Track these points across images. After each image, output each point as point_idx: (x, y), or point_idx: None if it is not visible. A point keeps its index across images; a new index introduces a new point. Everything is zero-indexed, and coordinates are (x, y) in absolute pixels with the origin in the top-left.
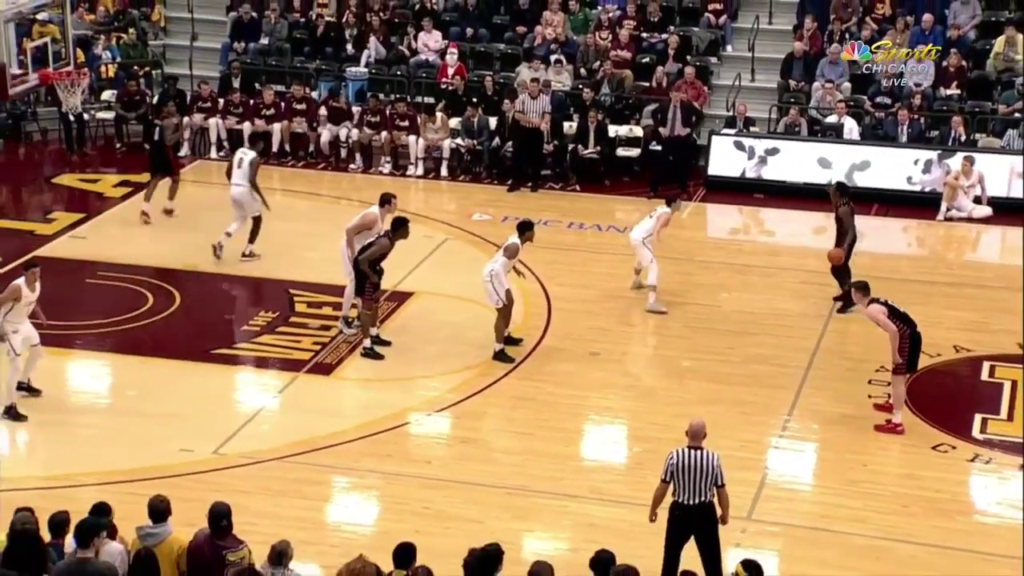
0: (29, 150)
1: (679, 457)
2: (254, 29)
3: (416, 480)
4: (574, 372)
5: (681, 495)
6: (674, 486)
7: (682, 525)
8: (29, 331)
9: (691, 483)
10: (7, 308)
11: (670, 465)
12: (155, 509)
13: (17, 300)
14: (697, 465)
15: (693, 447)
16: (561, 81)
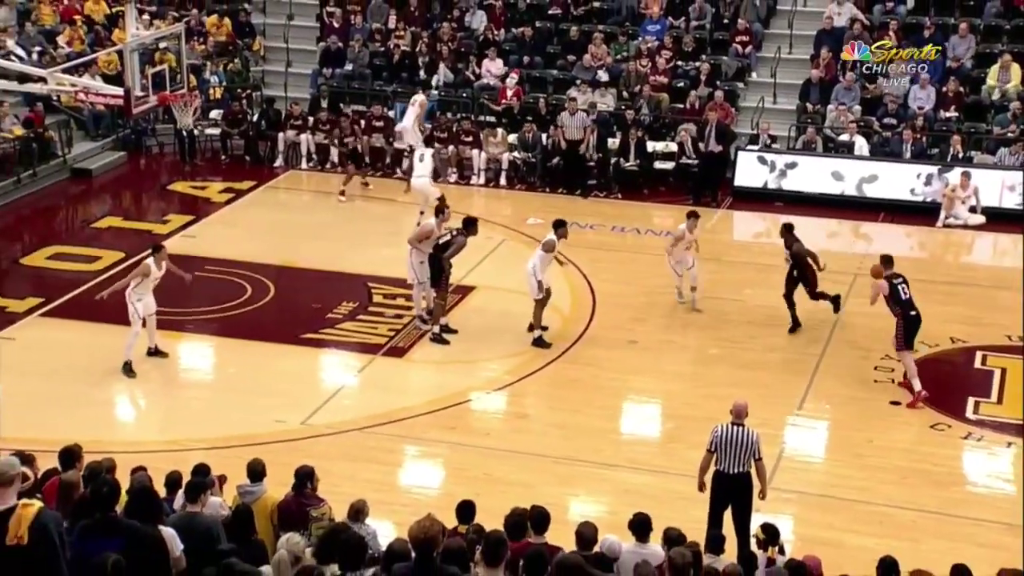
0: (148, 161)
1: (723, 431)
2: (340, 57)
3: (476, 450)
4: (615, 358)
5: (723, 465)
6: (717, 457)
7: (724, 491)
8: (150, 302)
9: (732, 455)
10: (136, 282)
11: (715, 437)
12: (252, 470)
13: (146, 276)
14: (739, 439)
15: (736, 423)
16: (606, 103)
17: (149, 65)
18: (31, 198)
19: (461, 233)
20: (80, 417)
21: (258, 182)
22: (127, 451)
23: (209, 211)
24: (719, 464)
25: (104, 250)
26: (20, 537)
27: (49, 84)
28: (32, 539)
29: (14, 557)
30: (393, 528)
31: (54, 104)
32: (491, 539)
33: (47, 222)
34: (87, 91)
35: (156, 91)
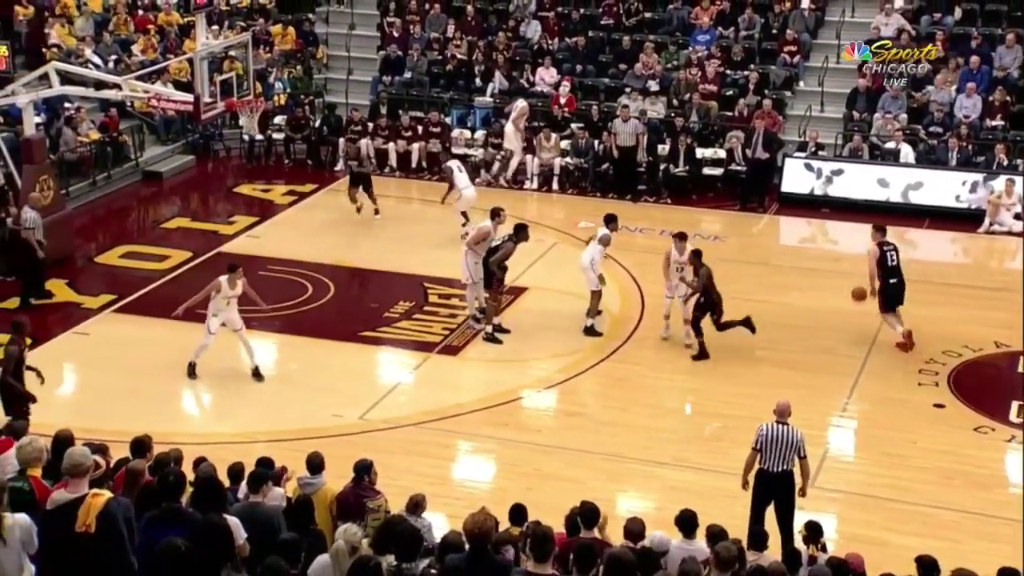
0: (215, 165)
1: (768, 430)
2: (399, 65)
3: (528, 446)
4: (663, 358)
5: (767, 463)
6: (761, 455)
7: (766, 489)
8: (231, 318)
9: (776, 453)
10: (211, 297)
11: (760, 436)
12: (312, 463)
13: (217, 292)
14: (783, 438)
15: (780, 422)
16: (656, 110)
17: (217, 72)
18: (105, 199)
19: (511, 239)
20: (149, 409)
21: (319, 185)
22: (193, 442)
23: (273, 213)
24: (763, 463)
25: (173, 249)
26: (88, 525)
27: (123, 91)
28: (99, 528)
29: (82, 544)
30: (446, 521)
31: (128, 110)
32: (538, 534)
33: (120, 222)
34: (159, 97)
35: (224, 97)
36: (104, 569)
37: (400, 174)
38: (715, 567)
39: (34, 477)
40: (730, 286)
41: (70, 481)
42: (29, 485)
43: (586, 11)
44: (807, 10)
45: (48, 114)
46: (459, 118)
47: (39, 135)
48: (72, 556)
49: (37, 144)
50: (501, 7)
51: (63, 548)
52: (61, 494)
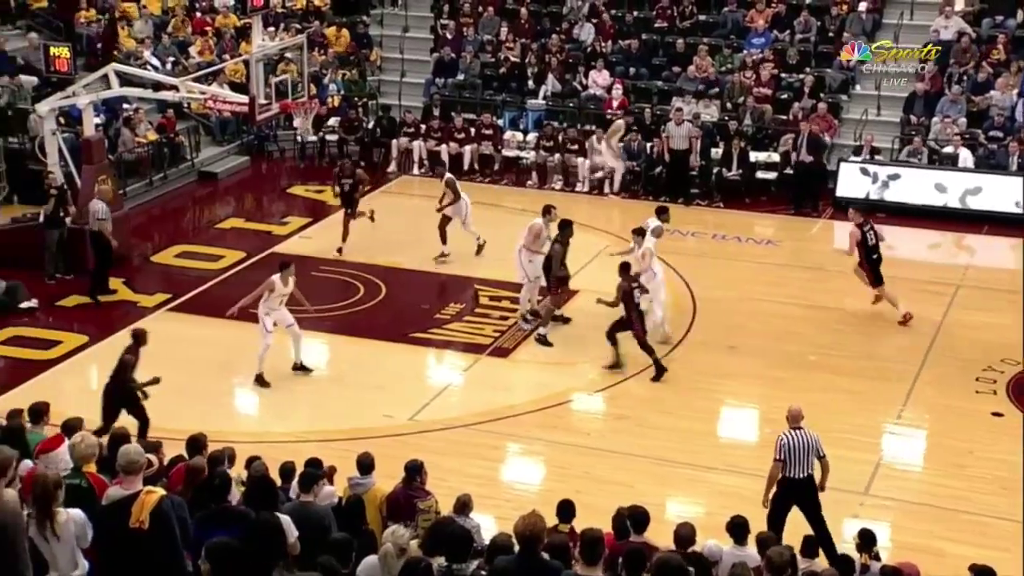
0: (270, 166)
1: (789, 439)
2: (452, 67)
3: (577, 448)
4: (714, 362)
5: (791, 471)
6: (786, 465)
7: (791, 496)
8: (282, 316)
9: (800, 459)
10: (265, 296)
11: (783, 447)
12: (362, 464)
13: (271, 291)
14: (803, 443)
15: (795, 428)
16: (710, 113)
17: (272, 74)
18: (161, 199)
19: (557, 241)
20: (202, 407)
21: (372, 187)
22: (244, 441)
23: (325, 214)
24: (787, 471)
25: (227, 249)
26: (141, 522)
27: (180, 92)
28: (153, 524)
29: (135, 540)
30: (495, 522)
31: (184, 111)
32: (588, 537)
33: (175, 222)
34: (215, 99)
35: (279, 99)
36: (157, 565)
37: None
38: (767, 572)
39: (90, 472)
40: (782, 290)
41: (124, 478)
42: (87, 481)
43: (640, 14)
44: (864, 13)
45: (107, 115)
46: (511, 120)
47: (98, 135)
48: (126, 552)
49: (97, 144)
50: (555, 10)
51: (117, 544)
52: (116, 490)
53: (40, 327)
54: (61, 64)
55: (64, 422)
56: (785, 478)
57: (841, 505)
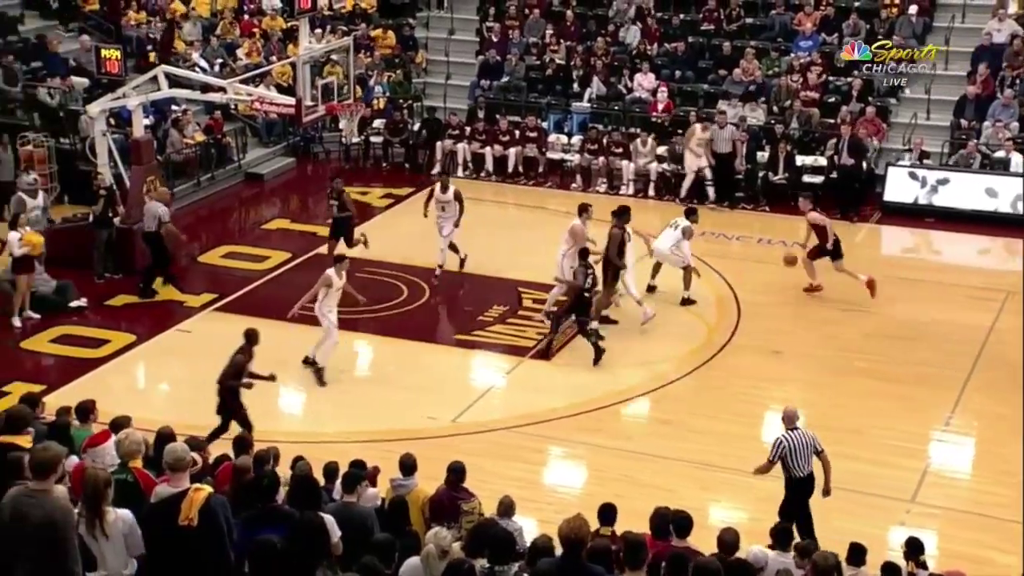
0: (315, 167)
1: (789, 440)
2: (498, 70)
3: (619, 452)
4: (758, 366)
5: (795, 471)
6: (791, 464)
7: (800, 494)
8: (335, 322)
9: (801, 458)
10: (323, 293)
11: (783, 448)
12: (404, 465)
13: (329, 287)
14: (802, 442)
15: (792, 428)
16: (756, 117)
17: (319, 76)
18: (208, 200)
19: (616, 226)
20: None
21: (416, 188)
22: (289, 441)
23: (370, 215)
24: (793, 471)
25: (273, 250)
26: (191, 519)
27: (228, 94)
28: (202, 522)
29: (185, 538)
30: (537, 525)
31: (232, 112)
32: (632, 542)
33: (222, 223)
34: (262, 100)
35: (324, 101)
36: (205, 562)
37: (496, 178)
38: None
39: (137, 468)
40: (828, 295)
41: (172, 476)
42: (133, 476)
43: (686, 16)
44: (914, 16)
45: (156, 116)
46: (556, 123)
47: (147, 137)
48: (174, 549)
49: (145, 145)
50: (600, 12)
51: (166, 541)
52: (164, 488)
53: (89, 326)
54: (112, 66)
55: (113, 420)
56: (790, 478)
57: (887, 512)
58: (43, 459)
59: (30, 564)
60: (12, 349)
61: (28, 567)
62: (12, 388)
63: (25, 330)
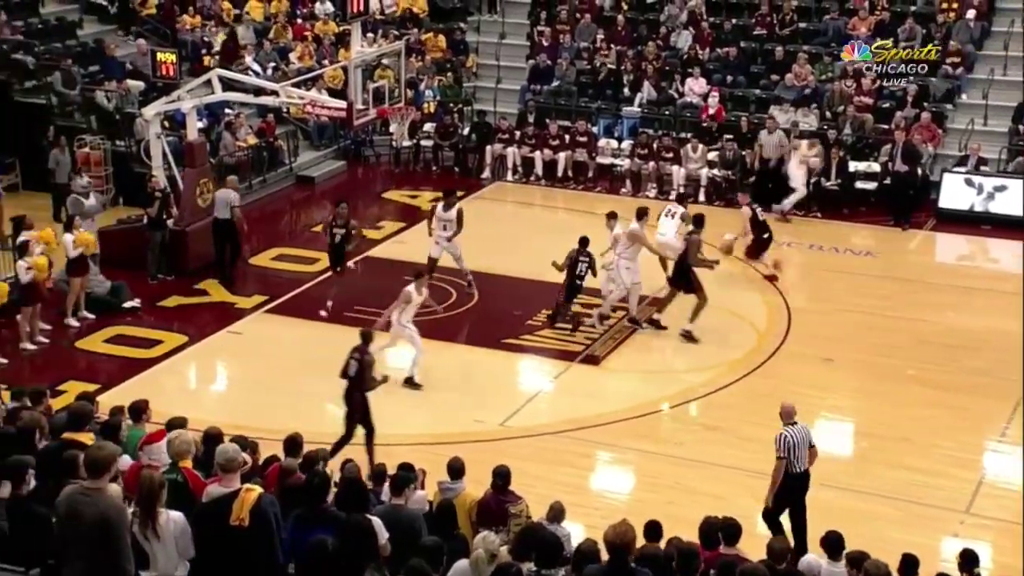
0: (366, 171)
1: (790, 436)
2: (548, 74)
3: (669, 458)
4: (809, 374)
5: (793, 466)
6: (788, 461)
7: (794, 492)
8: (415, 330)
9: (799, 453)
10: (400, 308)
11: (786, 444)
12: (453, 468)
13: (408, 302)
14: (801, 437)
15: (791, 423)
16: (808, 122)
17: (369, 80)
18: (260, 203)
19: (693, 232)
20: (296, 408)
21: (466, 192)
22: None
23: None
24: (791, 466)
25: (323, 253)
26: (242, 519)
27: (280, 97)
28: (253, 522)
29: (236, 538)
30: (584, 530)
31: (284, 115)
32: (685, 551)
33: (273, 225)
34: (313, 104)
35: (375, 105)
36: (255, 563)
37: (546, 183)
38: None
39: (187, 468)
40: (880, 303)
41: (223, 476)
42: (183, 476)
43: (739, 21)
44: (972, 20)
45: (210, 119)
46: (606, 128)
47: (201, 139)
48: (225, 549)
49: (199, 148)
50: (652, 17)
51: (217, 541)
52: (216, 488)
53: (142, 326)
54: (167, 69)
55: (169, 420)
56: (789, 473)
57: (941, 523)
58: (98, 458)
59: (84, 561)
60: (67, 349)
61: (82, 564)
62: (67, 387)
63: (80, 330)
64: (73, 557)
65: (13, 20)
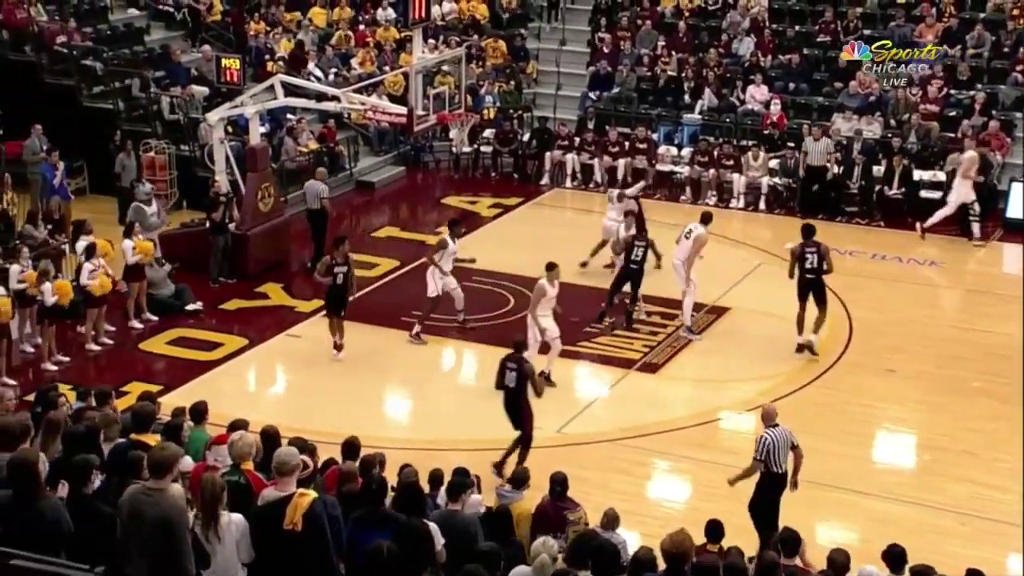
0: (425, 176)
1: (772, 438)
2: (608, 81)
3: (725, 468)
4: (871, 385)
5: (774, 467)
6: (771, 461)
7: (775, 490)
8: (551, 324)
9: (782, 455)
10: (539, 303)
11: (767, 446)
12: (517, 478)
13: (544, 295)
14: (783, 439)
15: (772, 426)
16: (872, 131)
17: (430, 86)
18: None
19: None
20: (354, 412)
21: (525, 199)
22: (394, 447)
23: (478, 224)
24: (772, 467)
25: (382, 258)
26: (295, 524)
27: (341, 103)
28: (306, 527)
29: (289, 542)
30: (640, 539)
31: (344, 121)
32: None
33: (333, 230)
34: (374, 110)
35: (436, 111)
36: (308, 568)
37: (604, 189)
38: None
39: (248, 471)
40: (945, 314)
41: (279, 479)
42: (245, 479)
43: (802, 28)
44: None
45: (272, 124)
46: (666, 135)
47: (263, 144)
48: (279, 553)
49: (261, 152)
50: (714, 24)
51: (271, 545)
52: (271, 492)
53: (204, 329)
54: (231, 75)
55: (232, 422)
56: (769, 473)
57: (1006, 539)
58: (160, 458)
59: (146, 561)
60: (130, 350)
61: (144, 564)
62: (131, 388)
63: (144, 332)
64: (136, 556)
65: (83, 27)
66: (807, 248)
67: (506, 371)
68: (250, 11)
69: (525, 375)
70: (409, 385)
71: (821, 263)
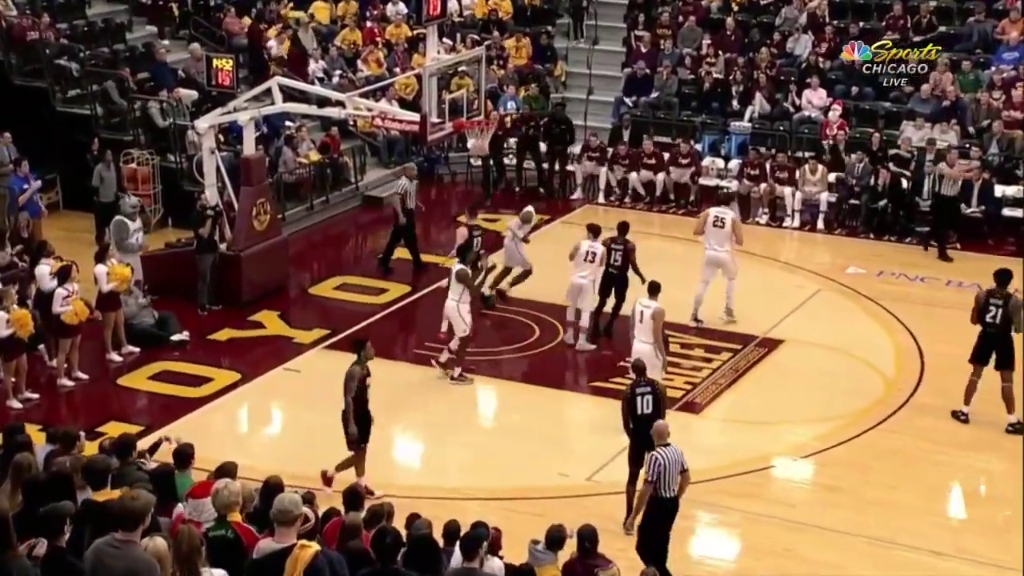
0: (439, 190)
1: (663, 457)
2: (646, 84)
3: (778, 522)
4: (944, 429)
5: (664, 490)
6: (659, 485)
7: (662, 517)
8: None
9: (671, 476)
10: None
11: (658, 466)
12: (552, 538)
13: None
14: (673, 459)
15: (664, 445)
16: (947, 140)
17: (446, 90)
18: (322, 225)
19: None
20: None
21: (552, 216)
22: (403, 496)
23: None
24: (661, 491)
25: (391, 282)
26: None
27: (347, 108)
28: None
29: None
30: None
31: (350, 129)
32: None
33: (336, 251)
34: (383, 116)
35: (452, 117)
36: None
37: (642, 206)
38: None
39: (237, 523)
40: None
41: (278, 530)
42: (233, 532)
43: (866, 24)
44: None
45: (269, 132)
46: (711, 145)
47: (259, 154)
48: None
49: (257, 163)
50: (766, 20)
51: None
52: (268, 543)
53: (191, 362)
54: (223, 78)
55: (218, 467)
56: (657, 498)
57: None
58: (130, 509)
59: None
60: (108, 386)
61: None
62: (108, 428)
63: (123, 365)
64: None
65: (57, 23)
66: (992, 298)
67: (636, 398)
68: (246, 7)
69: (660, 398)
70: (419, 426)
71: (1008, 320)
